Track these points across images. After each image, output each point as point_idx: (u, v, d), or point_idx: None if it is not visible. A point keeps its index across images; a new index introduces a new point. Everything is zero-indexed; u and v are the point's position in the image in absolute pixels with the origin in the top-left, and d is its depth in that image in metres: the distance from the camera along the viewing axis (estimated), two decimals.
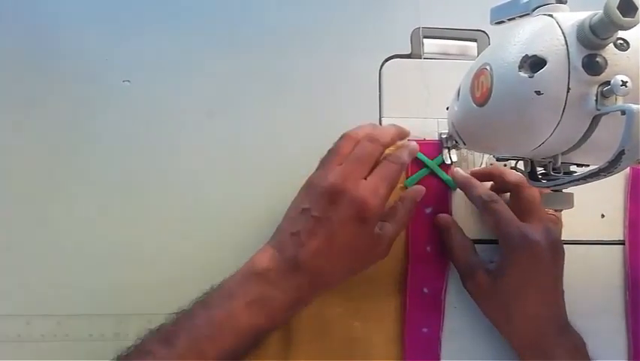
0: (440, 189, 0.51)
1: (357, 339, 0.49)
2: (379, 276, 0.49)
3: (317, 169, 0.45)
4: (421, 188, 0.48)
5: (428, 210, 0.51)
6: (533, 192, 0.47)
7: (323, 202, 0.41)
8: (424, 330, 0.49)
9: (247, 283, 0.41)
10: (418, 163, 0.51)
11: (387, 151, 0.46)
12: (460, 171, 0.50)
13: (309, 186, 0.44)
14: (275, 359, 0.47)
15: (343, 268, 0.43)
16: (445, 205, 0.51)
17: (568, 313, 0.47)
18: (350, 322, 0.49)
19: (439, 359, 0.49)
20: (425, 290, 0.50)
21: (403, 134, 0.47)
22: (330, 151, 0.45)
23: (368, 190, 0.42)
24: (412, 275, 0.50)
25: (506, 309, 0.46)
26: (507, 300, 0.46)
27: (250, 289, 0.41)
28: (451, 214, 0.51)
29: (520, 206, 0.47)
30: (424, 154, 0.51)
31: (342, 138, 0.45)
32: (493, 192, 0.48)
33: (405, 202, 0.46)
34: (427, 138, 0.52)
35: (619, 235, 0.52)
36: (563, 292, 0.47)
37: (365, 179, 0.42)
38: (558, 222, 0.48)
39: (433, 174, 0.51)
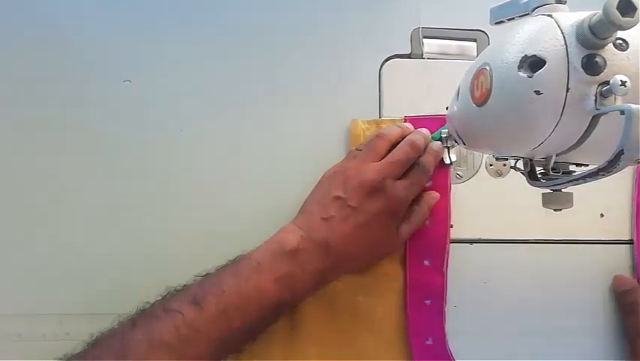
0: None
1: (360, 313, 0.50)
2: None
3: (347, 160, 0.49)
4: (437, 194, 0.50)
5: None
6: None
7: (361, 194, 0.44)
8: (427, 302, 0.50)
9: (276, 260, 0.43)
10: None
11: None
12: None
13: (343, 177, 0.46)
14: (281, 333, 0.48)
15: (366, 256, 0.47)
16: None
17: (567, 314, 0.47)
18: (354, 296, 0.50)
19: (443, 330, 0.50)
20: (426, 262, 0.51)
21: (428, 139, 0.50)
22: (366, 146, 0.48)
23: (402, 191, 0.45)
24: (412, 247, 0.51)
25: None
26: None
27: (279, 266, 0.43)
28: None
29: None
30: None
31: (377, 136, 0.48)
32: None
33: (421, 206, 0.49)
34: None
35: (619, 235, 0.53)
36: None
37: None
38: None
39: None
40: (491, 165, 0.53)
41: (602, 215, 0.53)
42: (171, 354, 0.39)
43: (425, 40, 0.54)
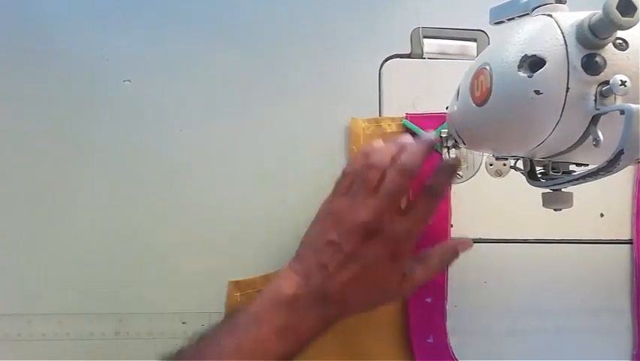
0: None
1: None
2: None
3: (336, 195, 0.43)
4: (469, 242, 0.46)
5: None
6: None
7: (356, 238, 0.40)
8: (428, 300, 0.50)
9: (274, 310, 0.40)
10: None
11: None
12: None
13: (334, 218, 0.42)
14: None
15: (369, 300, 0.43)
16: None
17: (567, 313, 0.47)
18: None
19: (445, 328, 0.50)
20: (428, 300, 0.50)
21: (429, 151, 0.43)
22: (357, 180, 0.42)
23: (404, 230, 0.41)
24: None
25: None
26: None
27: (278, 316, 0.40)
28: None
29: None
30: (424, 128, 0.51)
31: (367, 167, 0.41)
32: None
33: (443, 251, 0.45)
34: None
35: (619, 234, 0.53)
36: None
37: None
38: None
39: None
40: (491, 165, 0.53)
41: (602, 215, 0.53)
42: None
43: (425, 40, 0.54)
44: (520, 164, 0.43)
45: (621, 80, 0.29)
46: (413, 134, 0.51)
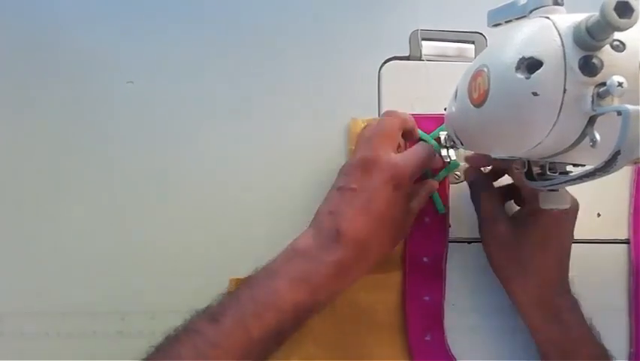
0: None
1: (360, 309, 0.50)
2: None
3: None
4: (436, 183, 0.50)
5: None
6: None
7: (357, 174, 0.43)
8: (426, 298, 0.50)
9: (289, 262, 0.42)
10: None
11: None
12: (470, 155, 0.51)
13: (342, 169, 0.45)
14: None
15: (382, 237, 0.44)
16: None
17: None
18: (354, 293, 0.50)
19: (442, 326, 0.50)
20: (425, 259, 0.51)
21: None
22: (371, 125, 0.47)
23: (399, 157, 0.44)
24: (411, 245, 0.51)
25: (521, 261, 0.47)
26: (525, 253, 0.46)
27: (292, 267, 0.41)
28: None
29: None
30: (424, 129, 0.51)
31: (387, 113, 0.47)
32: None
33: (425, 185, 0.48)
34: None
35: (616, 234, 0.53)
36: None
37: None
38: None
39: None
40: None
41: (598, 215, 0.53)
42: None
43: (424, 43, 0.55)
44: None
45: (618, 82, 0.30)
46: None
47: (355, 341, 0.50)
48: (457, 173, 0.53)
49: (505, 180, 0.51)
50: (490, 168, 0.51)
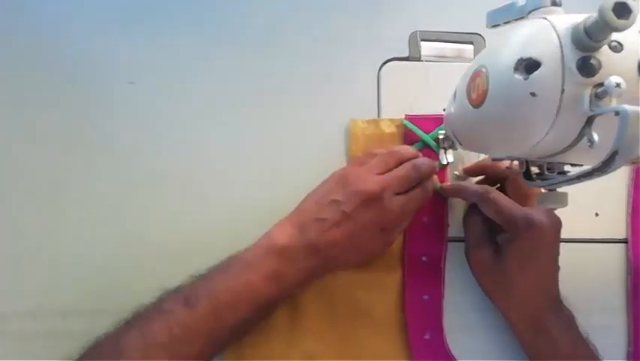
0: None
1: (360, 308, 0.50)
2: None
3: (351, 165, 0.49)
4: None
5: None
6: None
7: (356, 202, 0.44)
8: (425, 297, 0.51)
9: (266, 258, 0.44)
10: (414, 136, 0.52)
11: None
12: (446, 184, 0.51)
13: (344, 181, 0.46)
14: (281, 329, 0.49)
15: (352, 260, 0.47)
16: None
17: None
18: (353, 292, 0.50)
19: (441, 325, 0.50)
20: (424, 258, 0.51)
21: (433, 168, 0.48)
22: (376, 158, 0.47)
23: (399, 206, 0.45)
24: (410, 244, 0.51)
25: (505, 285, 0.48)
26: (507, 277, 0.47)
27: (269, 264, 0.43)
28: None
29: (519, 192, 0.49)
30: (423, 129, 0.52)
31: (389, 153, 0.47)
32: (485, 185, 0.50)
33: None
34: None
35: (613, 234, 0.53)
36: (558, 268, 0.48)
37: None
38: None
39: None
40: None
41: (596, 214, 0.53)
42: (165, 353, 0.39)
43: (423, 43, 0.55)
44: (515, 164, 0.44)
45: (616, 82, 0.30)
46: (413, 134, 0.52)
47: (354, 340, 0.50)
48: (456, 173, 0.53)
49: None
50: (482, 177, 0.52)
